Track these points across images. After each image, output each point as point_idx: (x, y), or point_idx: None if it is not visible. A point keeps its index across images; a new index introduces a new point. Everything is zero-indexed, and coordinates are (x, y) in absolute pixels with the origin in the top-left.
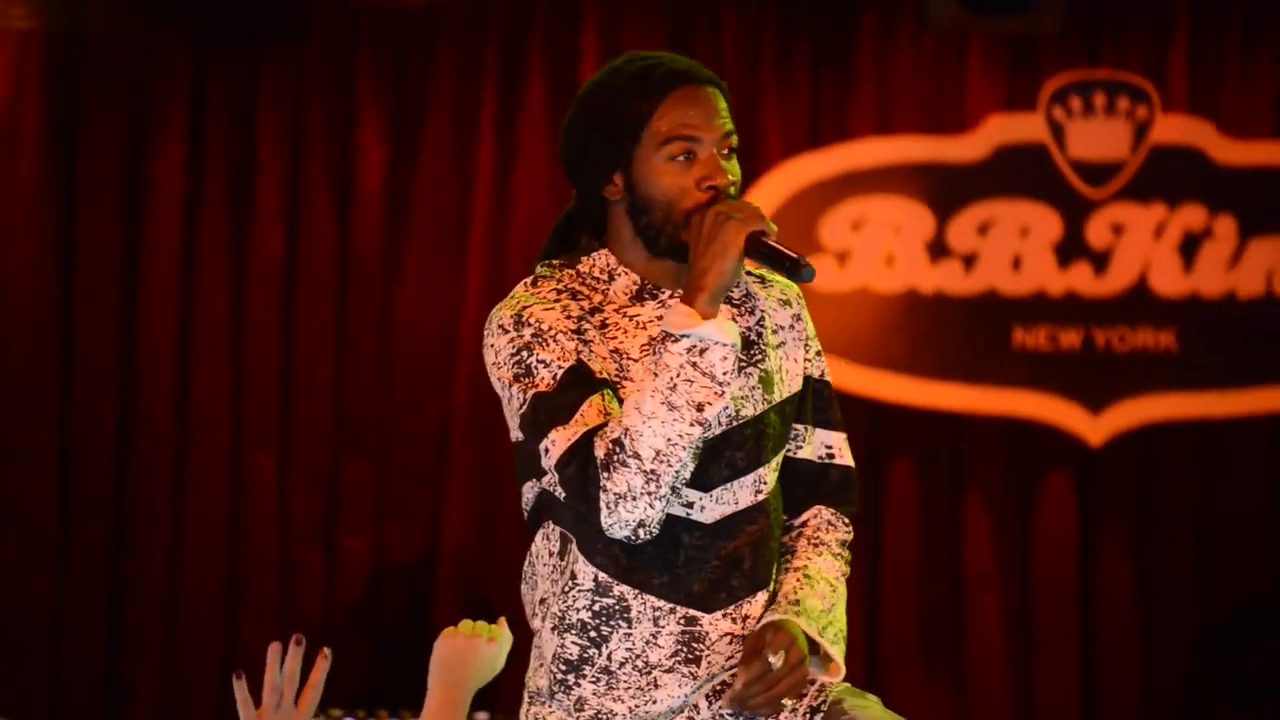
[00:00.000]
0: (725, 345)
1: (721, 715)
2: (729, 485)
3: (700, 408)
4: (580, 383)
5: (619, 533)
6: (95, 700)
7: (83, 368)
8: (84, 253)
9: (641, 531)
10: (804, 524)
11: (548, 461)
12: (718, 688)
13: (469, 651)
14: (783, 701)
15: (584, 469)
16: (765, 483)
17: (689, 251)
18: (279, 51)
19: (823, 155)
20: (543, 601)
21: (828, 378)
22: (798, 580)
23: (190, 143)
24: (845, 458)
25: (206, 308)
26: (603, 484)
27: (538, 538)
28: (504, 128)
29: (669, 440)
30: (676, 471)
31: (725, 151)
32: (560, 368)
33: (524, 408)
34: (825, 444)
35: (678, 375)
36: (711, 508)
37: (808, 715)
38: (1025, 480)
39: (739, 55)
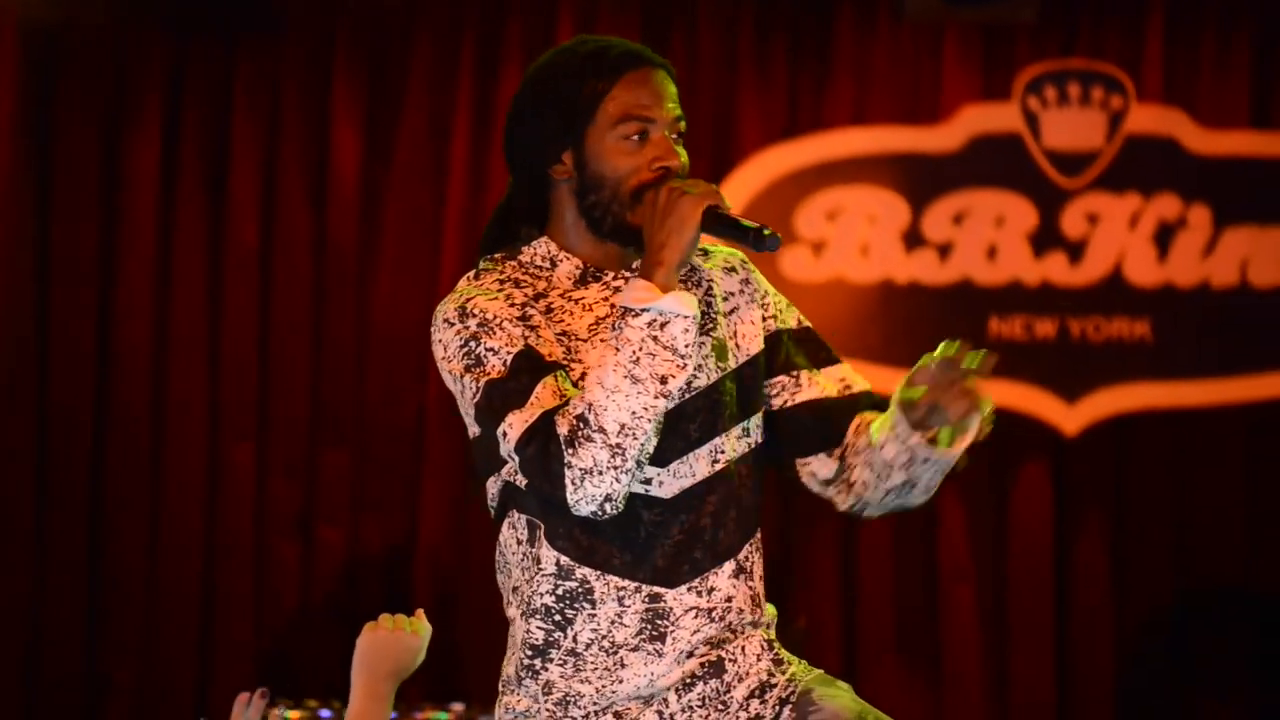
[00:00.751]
0: (686, 317)
1: (690, 707)
2: (685, 458)
3: (664, 380)
4: (531, 367)
5: (585, 509)
6: (73, 693)
7: (59, 360)
8: (59, 244)
9: (608, 506)
10: (857, 432)
11: (506, 446)
12: (687, 679)
13: (390, 645)
14: (749, 696)
15: (545, 447)
16: (723, 452)
17: (639, 232)
18: (255, 43)
19: (798, 145)
20: (515, 590)
21: (806, 323)
22: (885, 414)
23: (166, 134)
24: (861, 383)
25: (183, 299)
26: (568, 460)
27: (504, 528)
28: (479, 120)
29: (634, 413)
30: (642, 444)
31: (675, 135)
32: (509, 353)
33: (478, 396)
34: (838, 378)
35: (640, 349)
36: (669, 482)
37: (777, 706)
38: (1000, 470)
39: (715, 45)
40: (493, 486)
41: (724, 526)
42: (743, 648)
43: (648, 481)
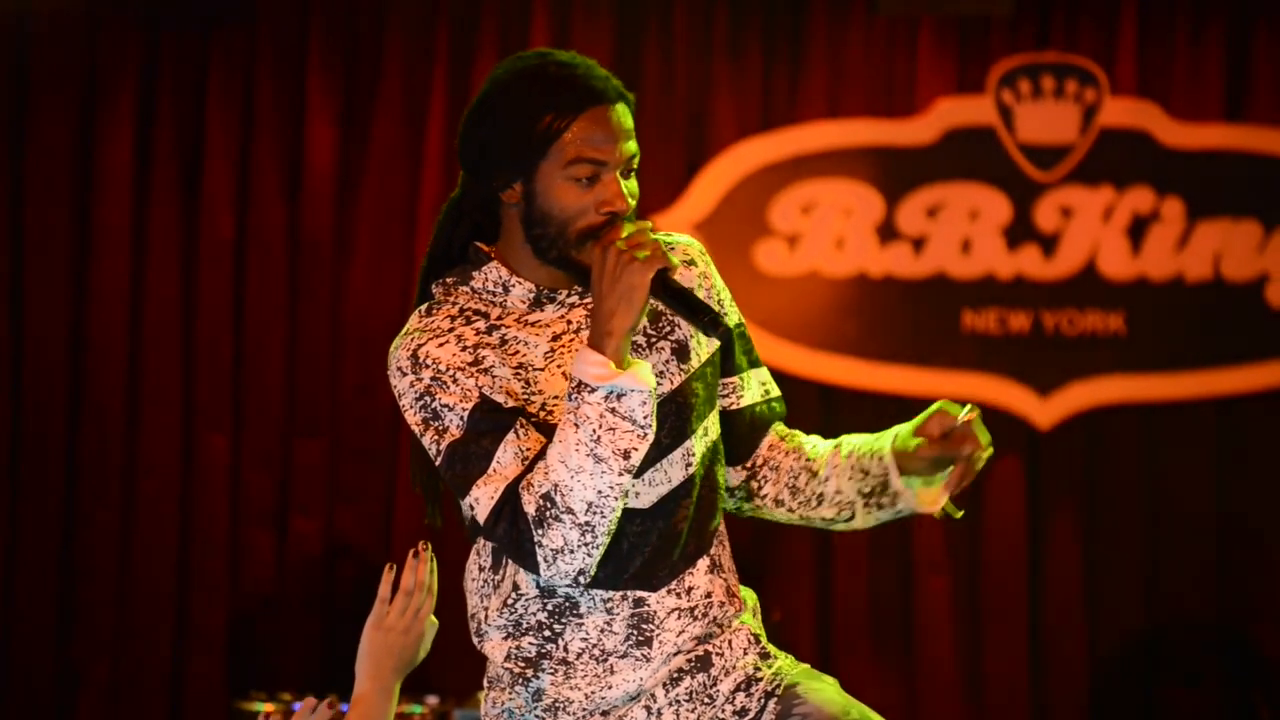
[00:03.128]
0: (641, 391)
1: (677, 701)
2: (659, 466)
3: (626, 455)
4: (491, 424)
5: (560, 582)
6: (45, 683)
7: (34, 351)
8: (33, 236)
9: (582, 579)
10: (775, 449)
11: (476, 519)
12: (674, 674)
13: (396, 642)
14: (735, 690)
15: (514, 524)
16: (693, 454)
17: (585, 269)
18: (228, 35)
19: (773, 138)
20: (472, 616)
21: (741, 320)
22: (854, 441)
23: (140, 126)
24: (776, 390)
25: (157, 290)
26: (538, 540)
27: (471, 553)
28: (454, 111)
29: (600, 492)
30: (611, 519)
31: (626, 172)
32: (465, 409)
33: (440, 459)
34: (761, 381)
35: (599, 425)
36: (646, 491)
37: (762, 700)
38: None
39: (690, 38)
40: (466, 510)
41: (696, 526)
42: (729, 641)
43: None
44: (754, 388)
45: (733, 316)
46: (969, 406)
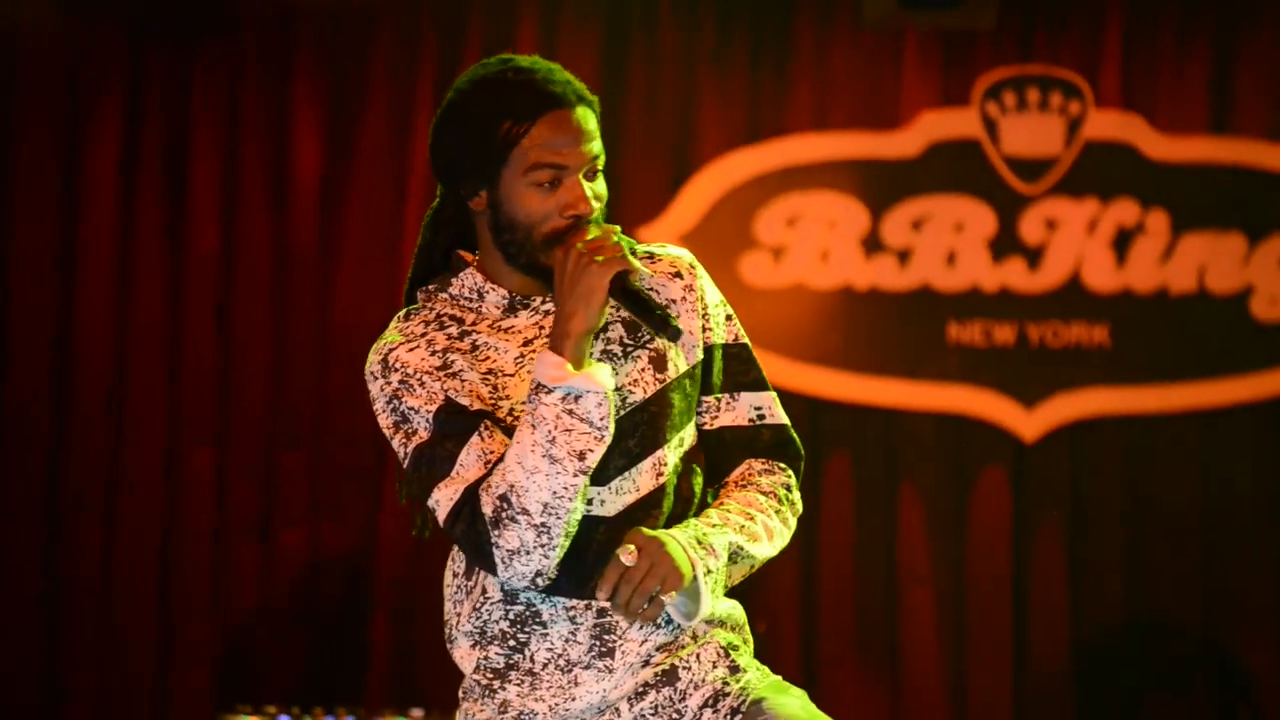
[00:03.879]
0: (598, 392)
1: (643, 715)
2: (627, 474)
3: (582, 456)
4: (455, 426)
5: (518, 584)
6: (30, 696)
7: (18, 363)
8: (19, 247)
9: (539, 580)
10: (735, 478)
11: (438, 520)
12: (640, 688)
13: None
14: (703, 705)
15: (472, 526)
16: (665, 463)
17: (551, 278)
18: (214, 46)
19: (759, 151)
20: (446, 622)
21: (744, 340)
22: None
23: (125, 137)
24: (777, 416)
25: (142, 302)
26: (494, 541)
27: (447, 559)
28: None
29: (555, 493)
30: (567, 520)
31: (591, 173)
32: (430, 411)
33: (406, 461)
34: (754, 405)
35: (555, 427)
36: (612, 500)
37: (728, 715)
38: (960, 475)
39: (676, 50)
40: (430, 513)
41: None
42: (697, 655)
43: (589, 502)
44: (739, 411)
45: (722, 333)
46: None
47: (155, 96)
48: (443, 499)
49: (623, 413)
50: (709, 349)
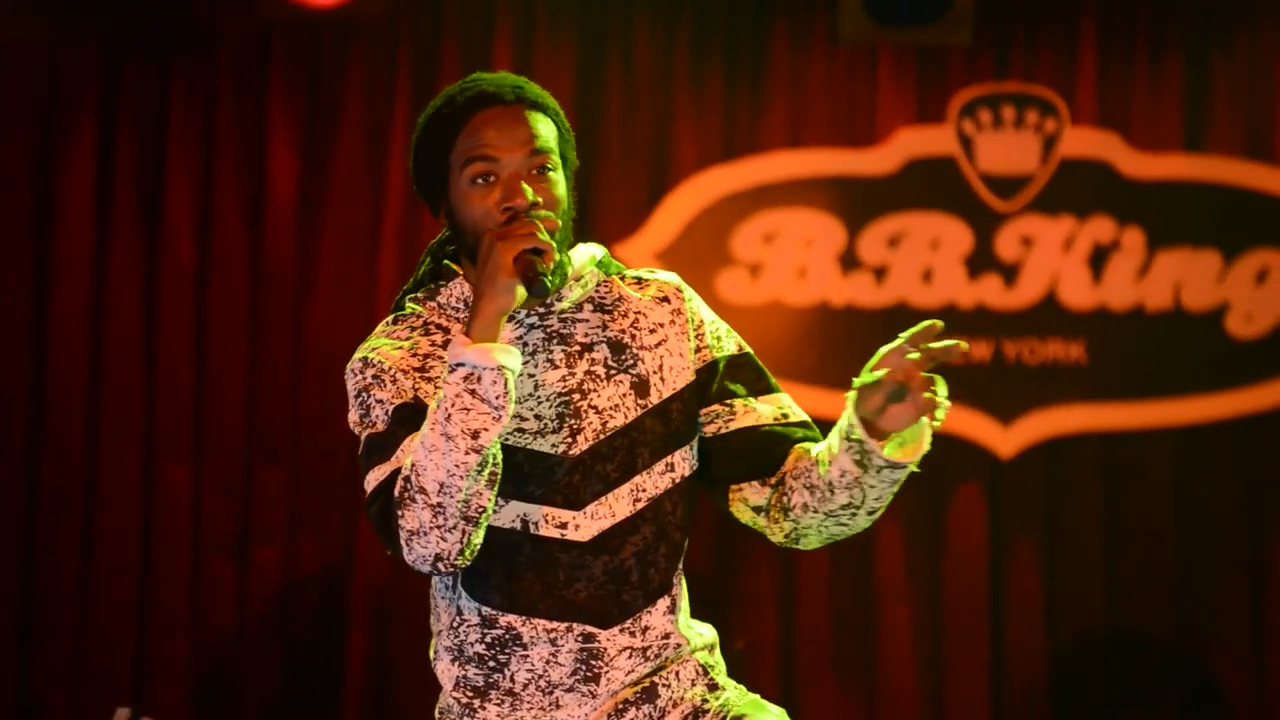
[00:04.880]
0: (494, 369)
1: None
2: (603, 499)
3: (476, 435)
4: (411, 419)
5: (422, 568)
6: (5, 713)
7: None
8: None
9: (441, 565)
10: (796, 458)
11: (365, 501)
12: (619, 706)
13: None
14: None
15: (385, 508)
16: (644, 490)
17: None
18: (189, 62)
19: (735, 168)
20: (438, 634)
21: (747, 349)
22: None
23: (100, 154)
24: (799, 414)
25: (118, 319)
26: (399, 521)
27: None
28: None
29: (449, 471)
30: (464, 501)
31: (535, 171)
32: (393, 405)
33: (360, 449)
34: (776, 407)
35: (453, 405)
36: (587, 525)
37: None
38: (936, 492)
39: (652, 68)
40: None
41: (654, 565)
42: (676, 673)
43: (564, 526)
44: (759, 410)
45: (726, 346)
46: (900, 337)
47: (130, 114)
48: (372, 480)
49: (602, 437)
50: (709, 365)
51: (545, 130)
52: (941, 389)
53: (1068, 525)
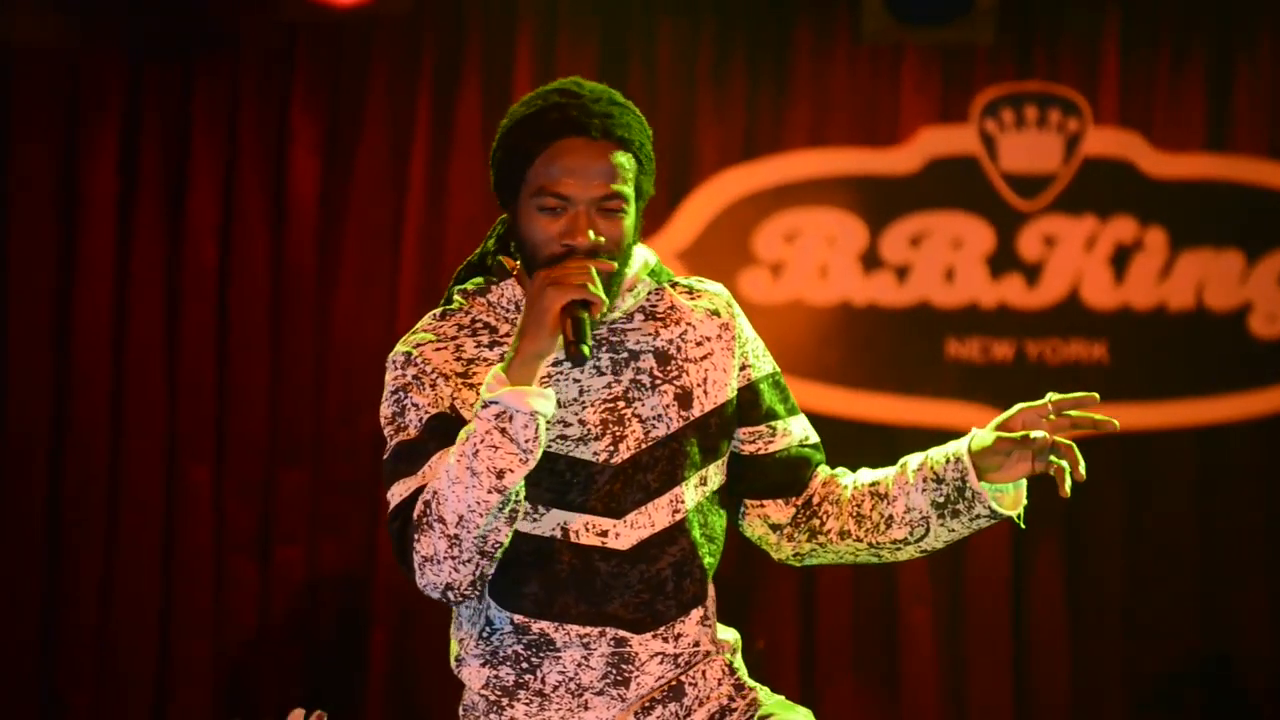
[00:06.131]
0: (526, 414)
1: None
2: (643, 509)
3: (500, 474)
4: (441, 430)
5: (431, 594)
6: (29, 713)
7: (17, 380)
8: (17, 266)
9: (451, 595)
10: (830, 485)
11: (387, 513)
12: (646, 704)
13: None
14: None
15: (404, 528)
16: (683, 501)
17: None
18: (212, 63)
19: (757, 167)
20: (461, 641)
21: (777, 368)
22: (919, 457)
23: (123, 155)
24: (815, 435)
25: (141, 319)
26: (414, 544)
27: None
28: (438, 138)
29: (469, 506)
30: (481, 536)
31: (603, 211)
32: (427, 413)
33: (388, 453)
34: (801, 427)
35: (482, 441)
36: (627, 534)
37: None
38: None
39: (674, 67)
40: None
41: (690, 575)
42: (703, 672)
43: (604, 534)
44: (793, 433)
45: (764, 365)
46: (1048, 396)
47: (154, 114)
48: (396, 494)
49: (644, 447)
50: (752, 384)
51: (624, 169)
52: (1081, 462)
53: (1088, 526)
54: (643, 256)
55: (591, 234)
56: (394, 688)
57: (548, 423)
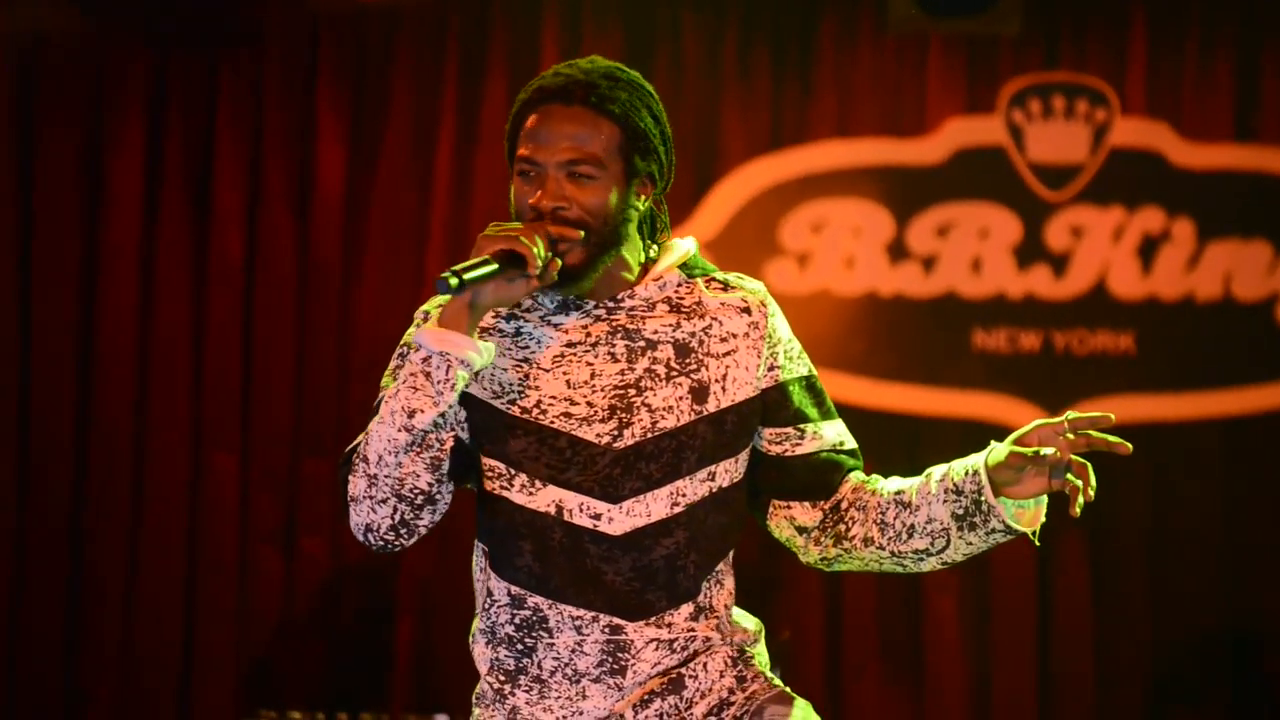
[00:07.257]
0: (443, 354)
1: None
2: (640, 497)
3: (411, 414)
4: None
5: (356, 536)
6: (53, 705)
7: (41, 370)
8: (41, 256)
9: (371, 537)
10: (860, 491)
11: None
12: (645, 697)
13: None
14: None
15: (342, 468)
16: (684, 495)
17: (568, 277)
18: (237, 55)
19: (782, 158)
20: (476, 616)
21: (814, 372)
22: (943, 467)
23: (149, 146)
24: (852, 442)
25: (166, 310)
26: (348, 485)
27: (473, 556)
28: (463, 129)
29: (385, 444)
30: (397, 479)
31: (570, 174)
32: None
33: (377, 399)
34: (836, 432)
35: (404, 382)
36: (620, 519)
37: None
38: None
39: (699, 57)
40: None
41: (682, 570)
42: (705, 664)
43: (597, 517)
44: (825, 437)
45: (798, 368)
46: (1065, 415)
47: (179, 107)
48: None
49: (650, 436)
50: (780, 384)
51: (600, 136)
52: (1092, 480)
53: (1115, 516)
54: (683, 248)
55: (552, 196)
56: (417, 675)
57: (476, 374)
